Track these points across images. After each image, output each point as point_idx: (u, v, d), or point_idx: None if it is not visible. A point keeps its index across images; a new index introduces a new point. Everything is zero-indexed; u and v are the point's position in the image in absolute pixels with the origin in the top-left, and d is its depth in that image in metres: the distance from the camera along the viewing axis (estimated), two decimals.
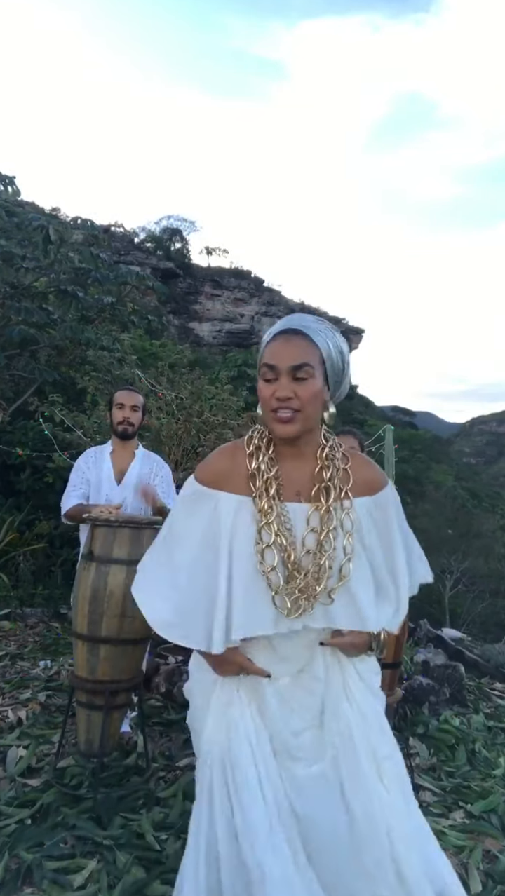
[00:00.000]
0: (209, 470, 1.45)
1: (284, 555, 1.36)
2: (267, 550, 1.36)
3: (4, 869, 2.06)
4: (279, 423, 1.36)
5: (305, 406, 1.35)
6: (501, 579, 17.47)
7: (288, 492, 1.41)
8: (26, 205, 28.08)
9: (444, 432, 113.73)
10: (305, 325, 1.38)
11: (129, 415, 3.23)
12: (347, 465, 1.44)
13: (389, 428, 6.52)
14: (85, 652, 2.54)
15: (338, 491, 1.41)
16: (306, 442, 1.42)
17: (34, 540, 6.44)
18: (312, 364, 1.35)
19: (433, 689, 3.92)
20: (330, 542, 1.38)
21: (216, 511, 1.40)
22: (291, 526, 1.39)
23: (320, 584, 1.36)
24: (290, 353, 1.35)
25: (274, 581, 1.35)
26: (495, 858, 2.35)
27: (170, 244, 74.05)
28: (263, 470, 1.40)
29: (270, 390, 1.35)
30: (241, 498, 1.40)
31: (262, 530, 1.36)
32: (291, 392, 1.34)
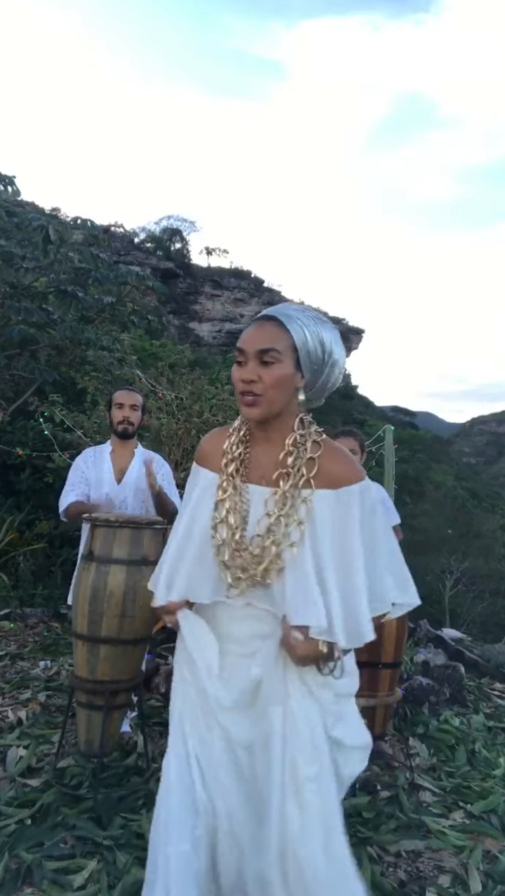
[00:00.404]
0: (200, 448, 1.58)
1: (230, 532, 1.42)
2: (220, 525, 1.44)
3: (4, 869, 2.06)
4: (244, 405, 1.41)
5: (268, 390, 1.37)
6: (501, 579, 17.46)
7: (254, 474, 1.46)
8: (26, 205, 28.05)
9: (444, 432, 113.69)
10: (281, 313, 1.41)
11: (129, 414, 3.23)
12: (316, 453, 1.42)
13: (389, 428, 6.51)
14: (85, 652, 2.54)
15: (297, 478, 1.40)
16: (276, 427, 1.45)
17: (34, 540, 6.44)
18: (279, 349, 1.37)
19: (433, 689, 3.92)
20: (280, 527, 1.39)
21: (197, 485, 1.53)
22: (247, 506, 1.44)
23: (261, 565, 1.39)
24: (257, 338, 1.39)
25: (220, 553, 1.43)
26: (495, 858, 2.35)
27: (170, 244, 74.07)
28: (231, 450, 1.48)
29: (239, 373, 1.41)
30: (213, 476, 1.50)
31: (218, 504, 1.45)
32: (256, 375, 1.38)
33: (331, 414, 49.46)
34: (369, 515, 1.42)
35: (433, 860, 2.33)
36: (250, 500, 1.44)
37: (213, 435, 1.58)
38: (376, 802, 2.67)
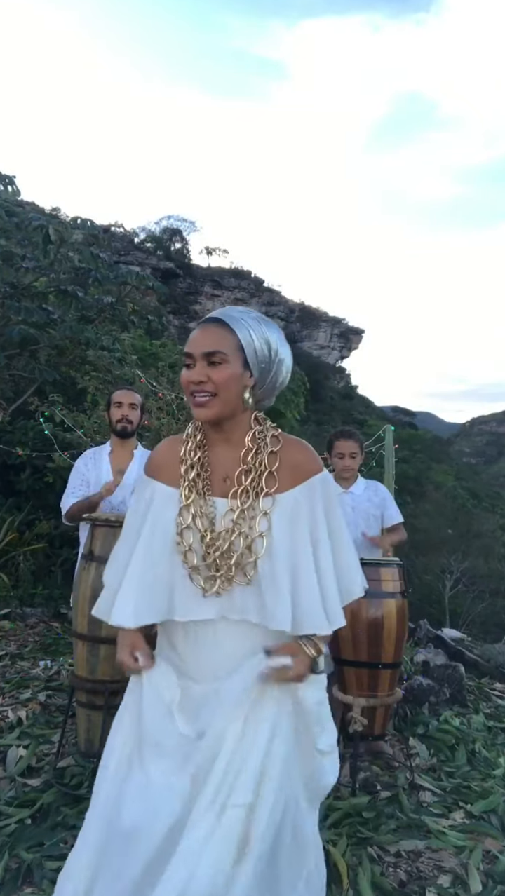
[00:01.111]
0: (151, 460, 1.53)
1: (201, 533, 1.39)
2: (185, 531, 1.40)
3: (4, 869, 2.06)
4: (196, 406, 1.40)
5: (220, 389, 1.38)
6: (501, 579, 17.47)
7: (216, 476, 1.45)
8: (26, 205, 28.06)
9: (444, 432, 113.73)
10: (225, 315, 1.43)
11: (127, 412, 3.23)
12: (276, 447, 1.45)
13: (389, 428, 6.50)
14: (85, 652, 2.54)
15: (258, 472, 1.42)
16: (233, 427, 1.45)
17: (34, 540, 6.44)
18: (225, 351, 1.38)
19: (433, 689, 3.92)
20: (245, 521, 1.39)
21: (151, 499, 1.47)
22: (213, 509, 1.42)
23: (232, 559, 1.38)
24: (203, 341, 1.39)
25: (189, 559, 1.39)
26: (495, 858, 2.35)
27: (170, 244, 74.13)
28: (189, 456, 1.46)
29: (187, 375, 1.41)
30: (170, 490, 1.45)
31: (181, 512, 1.42)
32: (205, 376, 1.38)
33: (331, 414, 49.52)
34: (332, 505, 1.46)
35: (433, 860, 2.33)
36: (215, 503, 1.43)
37: (166, 444, 1.54)
38: (376, 802, 2.67)
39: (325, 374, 68.09)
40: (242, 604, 1.40)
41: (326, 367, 75.44)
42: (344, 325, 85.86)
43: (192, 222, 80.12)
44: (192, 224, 78.82)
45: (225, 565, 1.38)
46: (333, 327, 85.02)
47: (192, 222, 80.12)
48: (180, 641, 1.46)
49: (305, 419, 18.25)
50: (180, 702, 1.41)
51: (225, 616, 1.40)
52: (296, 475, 1.43)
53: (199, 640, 1.43)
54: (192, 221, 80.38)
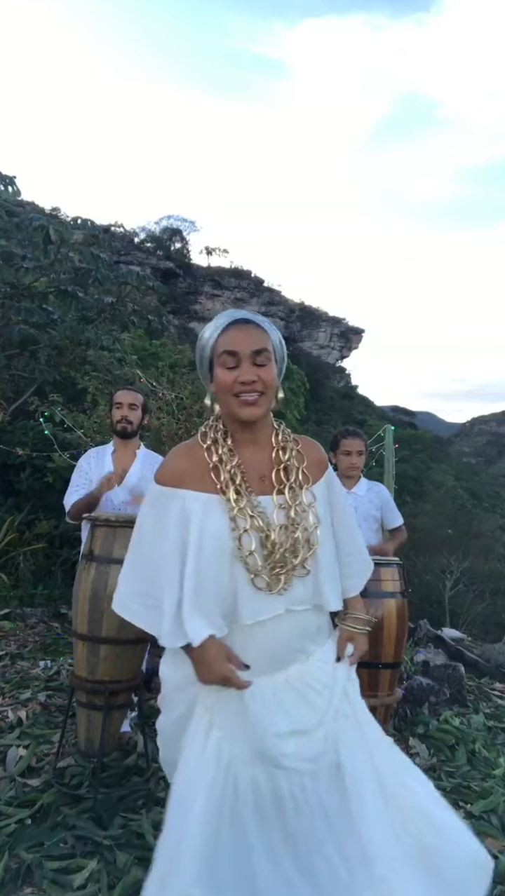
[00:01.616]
0: (169, 469, 1.47)
1: (262, 535, 1.40)
2: (244, 535, 1.40)
3: (4, 869, 2.06)
4: (245, 406, 1.40)
5: (268, 388, 1.42)
6: (501, 579, 17.45)
7: (252, 477, 1.46)
8: (26, 205, 28.08)
9: (444, 432, 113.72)
10: (253, 316, 1.47)
11: (127, 413, 3.23)
12: (298, 446, 1.53)
13: (389, 428, 6.51)
14: (85, 652, 2.54)
15: (296, 469, 1.48)
16: (261, 427, 1.49)
17: (34, 540, 6.43)
18: (269, 349, 1.43)
19: (433, 689, 3.91)
20: (299, 515, 1.45)
21: (184, 510, 1.42)
22: (262, 509, 1.43)
23: (297, 556, 1.42)
24: (250, 340, 1.41)
25: (252, 564, 1.39)
26: (495, 858, 2.35)
27: (170, 244, 74.12)
28: (224, 461, 1.44)
29: (233, 376, 1.40)
30: (206, 495, 1.42)
31: (236, 518, 1.40)
32: (255, 375, 1.40)
33: (331, 414, 49.50)
34: (342, 493, 1.63)
35: None
36: (261, 502, 1.44)
37: (179, 452, 1.50)
38: None
39: (325, 374, 68.08)
40: (304, 593, 1.45)
41: (326, 366, 75.41)
42: (344, 324, 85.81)
43: (192, 222, 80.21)
44: (192, 224, 78.88)
45: (290, 561, 1.41)
46: (333, 327, 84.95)
47: (192, 222, 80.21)
48: (237, 642, 1.44)
49: (305, 419, 18.26)
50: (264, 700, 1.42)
51: (290, 608, 1.43)
52: (318, 469, 1.54)
53: (259, 635, 1.43)
54: (192, 221, 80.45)
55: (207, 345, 1.45)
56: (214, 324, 1.46)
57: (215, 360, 1.43)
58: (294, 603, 1.44)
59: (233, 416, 1.45)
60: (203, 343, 1.47)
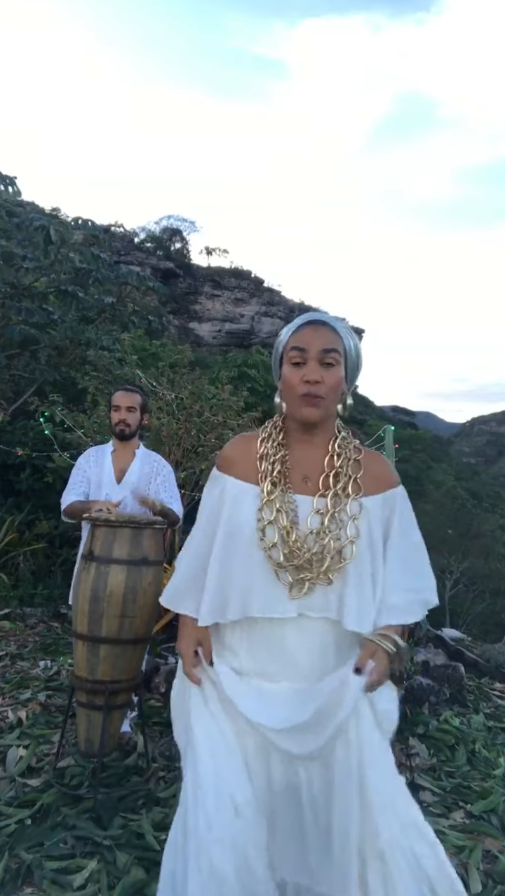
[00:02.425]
0: (223, 455, 1.52)
1: (284, 532, 1.38)
2: (268, 527, 1.38)
3: (4, 869, 2.06)
4: (306, 406, 1.39)
5: (330, 392, 1.39)
6: (501, 579, 17.46)
7: (295, 476, 1.44)
8: (26, 205, 28.06)
9: (444, 432, 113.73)
10: (329, 319, 1.46)
11: (126, 416, 3.22)
12: (359, 456, 1.47)
13: (389, 428, 6.50)
14: (85, 652, 2.54)
15: (347, 478, 1.43)
16: (321, 430, 1.46)
17: (34, 540, 6.44)
18: (339, 351, 1.41)
19: (433, 689, 3.91)
20: (336, 524, 1.39)
21: (223, 493, 1.46)
22: (294, 507, 1.41)
23: (323, 564, 1.37)
24: (320, 339, 1.40)
25: (275, 557, 1.37)
26: (495, 858, 2.35)
27: (170, 244, 74.09)
28: (269, 454, 1.45)
29: (299, 374, 1.39)
30: (245, 484, 1.44)
31: (263, 508, 1.40)
32: (320, 376, 1.38)
33: None
34: (410, 520, 1.49)
35: None
36: (297, 502, 1.42)
37: (239, 441, 1.53)
38: None
39: None
40: (324, 601, 1.39)
41: None
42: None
43: (192, 222, 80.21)
44: (192, 224, 78.85)
45: (315, 568, 1.37)
46: None
47: (192, 222, 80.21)
48: (243, 640, 1.44)
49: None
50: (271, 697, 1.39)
51: (304, 613, 1.39)
52: (378, 485, 1.46)
53: (270, 637, 1.41)
54: (192, 221, 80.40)
55: (280, 342, 1.47)
56: (292, 324, 1.48)
57: (284, 357, 1.43)
58: (310, 609, 1.39)
59: (294, 414, 1.43)
60: (278, 342, 1.48)
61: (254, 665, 1.43)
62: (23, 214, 7.36)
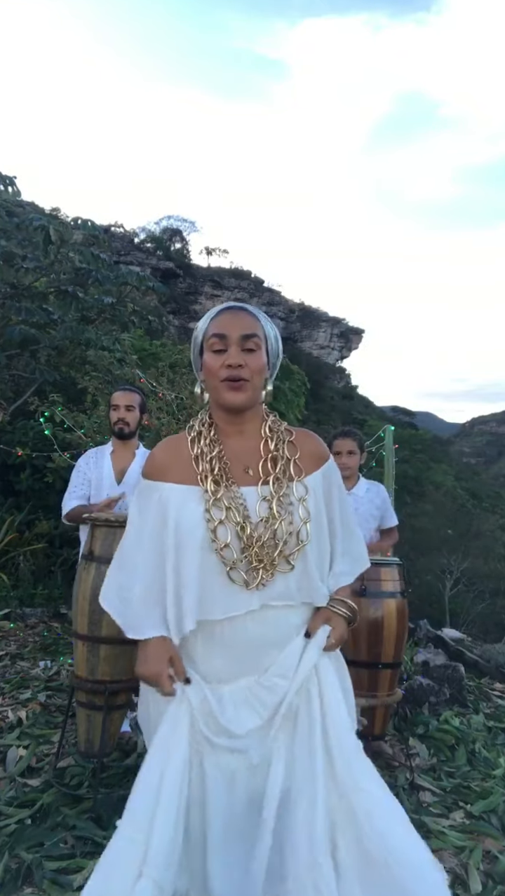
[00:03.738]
0: (152, 462, 1.45)
1: (238, 528, 1.34)
2: (219, 527, 1.34)
3: (4, 869, 2.06)
4: (231, 391, 1.38)
5: (254, 376, 1.39)
6: (501, 579, 17.48)
7: (236, 469, 1.41)
8: (26, 205, 28.03)
9: (444, 432, 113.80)
10: (246, 305, 1.45)
11: (125, 415, 3.23)
12: (291, 437, 1.48)
13: (389, 428, 6.51)
14: (85, 652, 2.54)
15: (286, 460, 1.42)
16: (250, 418, 1.45)
17: (34, 540, 6.44)
18: (260, 336, 1.40)
19: (433, 689, 3.92)
20: (284, 508, 1.38)
21: (160, 502, 1.39)
22: (243, 501, 1.37)
23: (277, 549, 1.35)
24: (240, 324, 1.39)
25: (228, 556, 1.33)
26: (495, 858, 2.35)
27: (170, 244, 74.15)
28: (204, 452, 1.41)
29: (220, 360, 1.38)
30: (185, 487, 1.38)
31: (211, 509, 1.35)
32: (242, 360, 1.37)
33: (331, 414, 49.49)
34: (341, 487, 1.54)
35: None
36: (243, 493, 1.38)
37: (164, 444, 1.48)
38: None
39: (325, 375, 68.08)
40: (285, 588, 1.38)
41: (326, 367, 75.42)
42: (344, 325, 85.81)
43: (192, 222, 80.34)
44: (192, 224, 78.94)
45: (268, 556, 1.35)
46: (333, 327, 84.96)
47: (192, 222, 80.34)
48: (201, 644, 1.38)
49: (305, 419, 18.27)
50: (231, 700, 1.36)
51: (267, 604, 1.36)
52: (314, 461, 1.47)
53: (232, 634, 1.37)
54: (192, 221, 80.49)
55: (199, 332, 1.45)
56: (209, 312, 1.46)
57: (205, 346, 1.42)
58: (272, 598, 1.37)
59: (219, 402, 1.42)
60: (196, 332, 1.46)
61: (211, 668, 1.38)
62: (23, 214, 7.36)
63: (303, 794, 1.30)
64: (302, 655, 1.39)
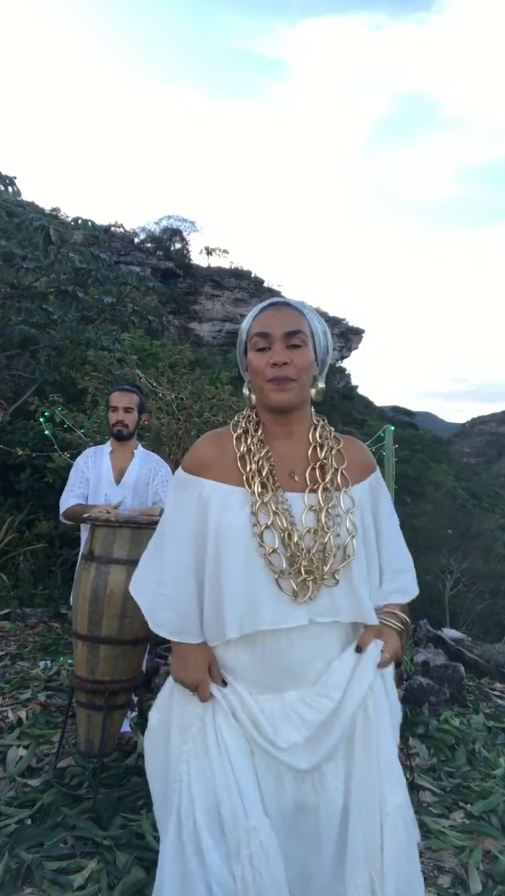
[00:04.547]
0: (195, 456, 1.39)
1: (284, 535, 1.29)
2: (266, 532, 1.28)
3: (4, 869, 2.06)
4: (277, 391, 1.31)
5: (301, 374, 1.32)
6: (501, 579, 17.49)
7: (281, 473, 1.35)
8: (26, 205, 28.03)
9: (444, 432, 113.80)
10: (291, 300, 1.39)
11: (123, 416, 3.23)
12: (339, 445, 1.41)
13: (389, 428, 6.50)
14: (85, 652, 2.54)
15: (334, 470, 1.37)
16: (298, 420, 1.38)
17: (34, 540, 6.44)
18: (305, 332, 1.33)
19: (433, 689, 3.91)
20: (332, 520, 1.32)
21: (201, 499, 1.34)
22: (288, 506, 1.32)
23: (326, 563, 1.30)
24: (283, 321, 1.33)
25: (276, 563, 1.28)
26: (495, 859, 2.35)
27: (170, 244, 74.12)
28: (252, 451, 1.34)
29: (265, 359, 1.32)
30: (229, 487, 1.33)
31: (258, 512, 1.29)
32: (287, 358, 1.30)
33: (331, 414, 49.46)
34: (389, 502, 1.48)
35: (433, 860, 2.33)
36: (288, 499, 1.33)
37: (208, 440, 1.41)
38: None
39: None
40: (331, 604, 1.32)
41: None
42: (344, 325, 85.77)
43: (193, 222, 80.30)
44: (192, 224, 78.90)
45: (318, 569, 1.29)
46: (333, 327, 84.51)
47: (193, 222, 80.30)
48: (242, 658, 1.34)
49: None
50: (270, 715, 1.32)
51: (314, 619, 1.31)
52: (362, 472, 1.42)
53: (274, 651, 1.31)
54: (193, 221, 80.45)
55: (243, 331, 1.39)
56: (253, 310, 1.40)
57: (249, 345, 1.35)
58: (319, 614, 1.31)
59: (265, 403, 1.35)
60: (240, 331, 1.41)
61: (254, 682, 1.33)
62: (23, 214, 7.35)
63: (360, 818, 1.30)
64: (354, 673, 1.33)
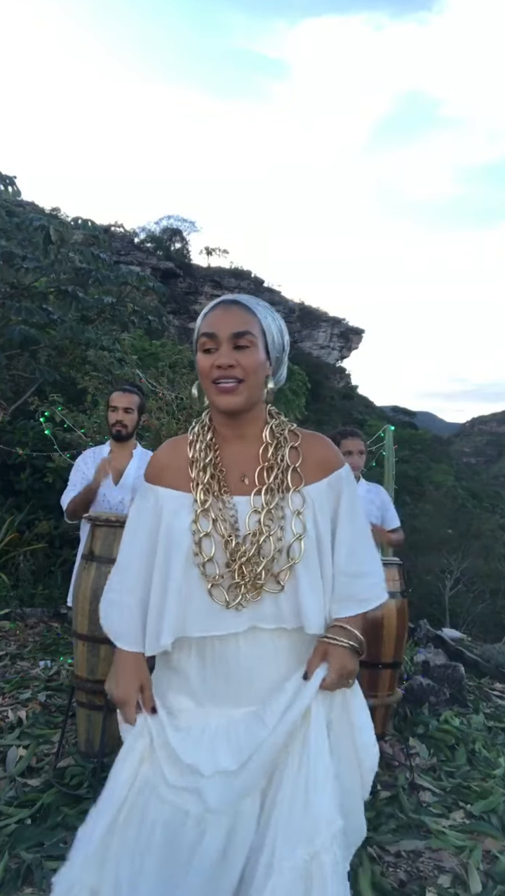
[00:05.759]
0: (151, 465, 1.37)
1: (223, 542, 1.25)
2: (204, 539, 1.25)
3: (4, 869, 2.06)
4: (221, 394, 1.26)
5: (249, 375, 1.25)
6: (501, 579, 17.47)
7: (232, 476, 1.31)
8: (26, 205, 28.11)
9: (444, 432, 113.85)
10: (242, 298, 1.33)
11: (122, 417, 3.23)
12: (296, 442, 1.34)
13: (389, 428, 6.51)
14: (85, 652, 2.54)
15: (284, 468, 1.30)
16: (250, 421, 1.33)
17: (34, 540, 6.44)
18: (254, 333, 1.27)
19: (433, 689, 3.92)
20: (275, 522, 1.27)
21: (156, 507, 1.32)
22: (234, 512, 1.28)
23: (261, 566, 1.24)
24: (231, 321, 1.27)
25: (210, 571, 1.25)
26: (495, 858, 2.35)
27: (170, 244, 74.12)
28: (198, 458, 1.31)
29: (210, 360, 1.26)
30: (179, 494, 1.31)
31: (198, 519, 1.26)
32: (233, 360, 1.25)
33: (331, 414, 49.49)
34: (355, 501, 1.38)
35: (433, 860, 2.33)
36: (236, 507, 1.29)
37: (169, 446, 1.38)
38: (376, 802, 2.67)
39: (325, 374, 68.05)
40: (276, 610, 1.27)
41: (326, 367, 75.38)
42: (344, 325, 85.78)
43: (192, 222, 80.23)
44: (192, 224, 78.85)
45: (251, 573, 1.24)
46: (333, 327, 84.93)
47: (192, 222, 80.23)
48: (194, 664, 1.31)
49: (305, 419, 18.29)
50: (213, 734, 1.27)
51: (257, 626, 1.27)
52: (321, 469, 1.34)
53: (222, 657, 1.28)
54: (192, 221, 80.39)
55: (195, 330, 1.34)
56: (206, 308, 1.35)
57: (197, 345, 1.30)
58: (262, 620, 1.26)
59: (212, 405, 1.31)
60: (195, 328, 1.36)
61: (206, 689, 1.30)
62: (23, 214, 7.35)
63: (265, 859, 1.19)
64: (292, 702, 1.25)
